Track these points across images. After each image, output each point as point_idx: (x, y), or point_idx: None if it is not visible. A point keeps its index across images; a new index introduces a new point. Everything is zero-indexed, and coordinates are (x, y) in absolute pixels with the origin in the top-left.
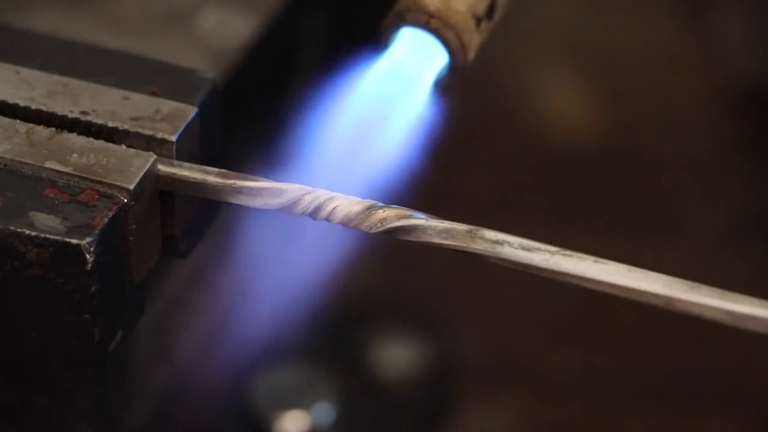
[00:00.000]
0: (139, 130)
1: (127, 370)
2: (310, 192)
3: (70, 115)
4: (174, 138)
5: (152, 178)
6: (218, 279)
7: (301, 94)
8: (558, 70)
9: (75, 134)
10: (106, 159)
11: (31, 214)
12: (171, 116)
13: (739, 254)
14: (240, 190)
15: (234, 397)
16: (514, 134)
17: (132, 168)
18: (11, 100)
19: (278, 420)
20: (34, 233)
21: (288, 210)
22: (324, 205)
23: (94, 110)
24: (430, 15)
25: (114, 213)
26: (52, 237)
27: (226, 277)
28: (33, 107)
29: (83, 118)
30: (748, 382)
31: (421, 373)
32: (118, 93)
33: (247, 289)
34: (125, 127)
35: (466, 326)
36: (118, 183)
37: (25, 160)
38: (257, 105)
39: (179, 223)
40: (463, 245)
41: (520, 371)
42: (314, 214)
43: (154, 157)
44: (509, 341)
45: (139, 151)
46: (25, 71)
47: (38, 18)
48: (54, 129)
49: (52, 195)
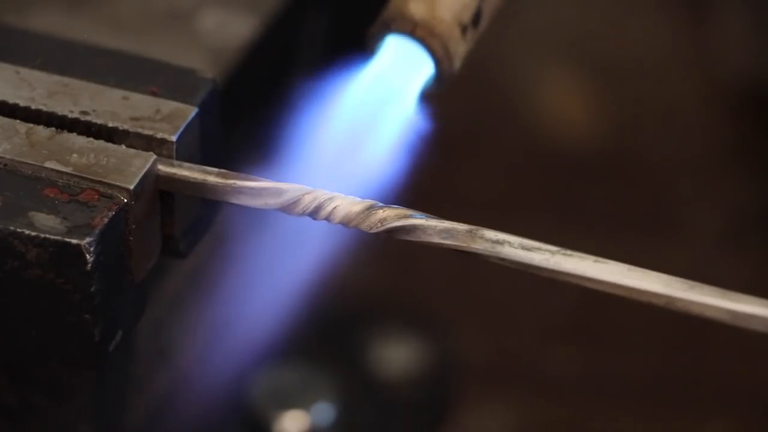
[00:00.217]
0: (139, 130)
1: (127, 370)
2: (310, 192)
3: (70, 115)
4: (174, 138)
5: (152, 178)
6: (218, 279)
7: (300, 95)
8: (558, 71)
9: (75, 134)
10: (106, 159)
11: (31, 214)
12: (171, 116)
13: (739, 254)
14: (240, 190)
15: (234, 397)
16: (513, 134)
17: (132, 168)
18: (11, 100)
19: (278, 420)
20: (34, 233)
21: (288, 210)
22: (324, 205)
23: (94, 110)
24: (416, 24)
25: (114, 213)
26: (52, 237)
27: (226, 277)
28: (33, 107)
29: (83, 118)
30: (748, 382)
31: (421, 373)
32: (118, 93)
33: (247, 289)
34: (125, 127)
35: (466, 326)
36: (118, 183)
37: (25, 160)
38: (257, 105)
39: (179, 223)
40: (464, 245)
41: (520, 371)
42: (314, 214)
43: (154, 157)
44: (509, 341)
45: (139, 151)
46: (25, 71)
47: (38, 18)
48: (54, 129)
49: (52, 195)
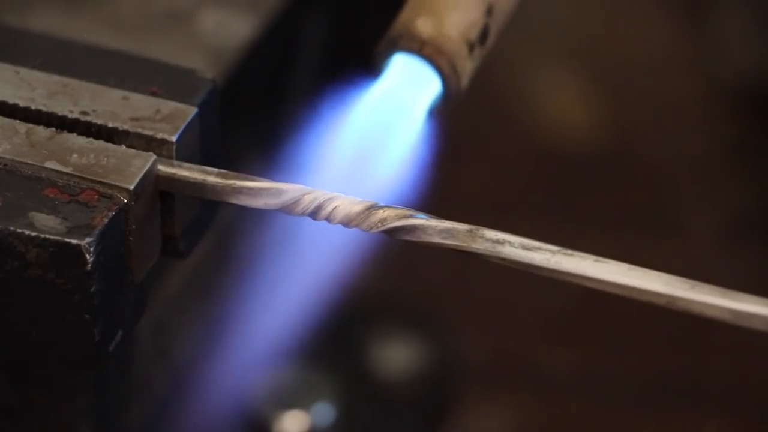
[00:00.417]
0: (139, 130)
1: (127, 370)
2: (310, 192)
3: (70, 116)
4: (174, 138)
5: (152, 179)
6: (218, 279)
7: (301, 97)
8: (558, 70)
9: (75, 134)
10: (106, 159)
11: (31, 214)
12: (171, 116)
13: (738, 254)
14: (240, 190)
15: (234, 397)
16: (513, 134)
17: (132, 168)
18: (11, 100)
19: (278, 420)
20: (34, 233)
21: (288, 210)
22: (324, 205)
23: (94, 110)
24: (423, 42)
25: (114, 213)
26: (52, 237)
27: (226, 277)
28: (33, 107)
29: (83, 118)
30: (747, 382)
31: (421, 373)
32: (118, 93)
33: (247, 289)
34: (125, 127)
35: (466, 326)
36: (118, 183)
37: (25, 160)
38: (257, 105)
39: (179, 223)
40: (464, 245)
41: (520, 371)
42: (314, 214)
43: (154, 157)
44: (509, 341)
45: (139, 152)
46: (25, 71)
47: (38, 18)
48: (54, 129)
49: (52, 195)
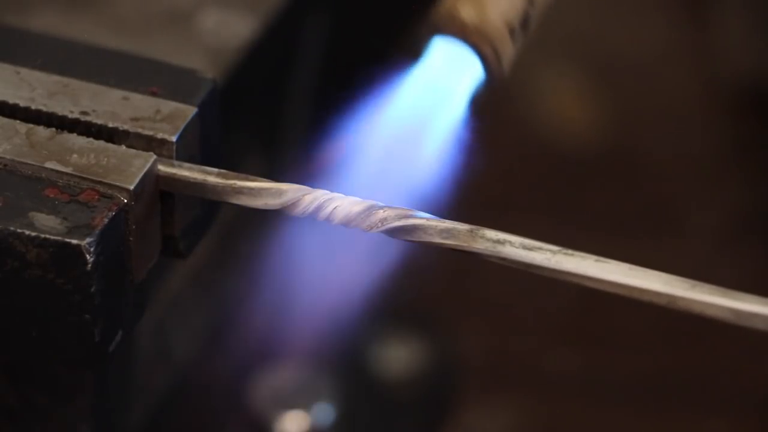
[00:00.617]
0: (139, 130)
1: (127, 370)
2: (310, 192)
3: (70, 116)
4: (174, 138)
5: (152, 179)
6: (218, 279)
7: (301, 97)
8: (558, 70)
9: (75, 134)
10: (106, 159)
11: (31, 214)
12: (171, 116)
13: (739, 254)
14: (240, 190)
15: (234, 397)
16: (513, 134)
17: (132, 168)
18: (11, 101)
19: (278, 420)
20: (34, 233)
21: (288, 210)
22: (324, 206)
23: (94, 110)
24: (466, 27)
25: (114, 213)
26: (52, 237)
27: (226, 277)
28: (33, 107)
29: (83, 118)
30: (748, 382)
31: (421, 373)
32: (118, 93)
33: (246, 289)
34: (125, 127)
35: (466, 326)
36: (118, 183)
37: (25, 160)
38: (257, 105)
39: (179, 223)
40: (464, 245)
41: (520, 371)
42: (314, 215)
43: (154, 157)
44: (509, 341)
45: (139, 152)
46: (25, 71)
47: (38, 18)
48: (54, 129)
49: (52, 195)
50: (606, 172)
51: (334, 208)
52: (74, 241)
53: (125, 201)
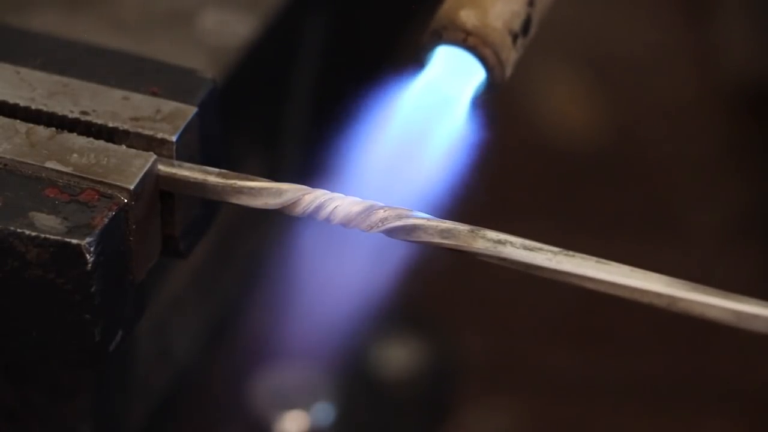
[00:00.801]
0: (140, 130)
1: (127, 370)
2: (310, 192)
3: (70, 115)
4: (174, 138)
5: (152, 178)
6: (218, 279)
7: (301, 97)
8: (559, 71)
9: (75, 134)
10: (106, 159)
11: (31, 214)
12: (171, 116)
13: (739, 254)
14: (240, 190)
15: (234, 396)
16: (512, 134)
17: (132, 168)
18: (11, 100)
19: (278, 420)
20: (34, 233)
21: (288, 210)
22: (324, 206)
23: (94, 110)
24: (468, 32)
25: (114, 213)
26: (52, 237)
27: (226, 277)
28: (33, 107)
29: (83, 118)
30: (747, 382)
31: (421, 373)
32: (118, 93)
33: (247, 289)
34: (125, 127)
35: (466, 326)
36: (118, 183)
37: (25, 160)
38: (257, 105)
39: (179, 223)
40: (465, 245)
41: (520, 371)
42: (314, 214)
43: (154, 157)
44: (509, 341)
45: (140, 152)
46: (25, 71)
47: (38, 18)
48: (54, 129)
49: (52, 195)
50: (606, 172)
51: (334, 208)
52: (74, 241)
53: (125, 201)
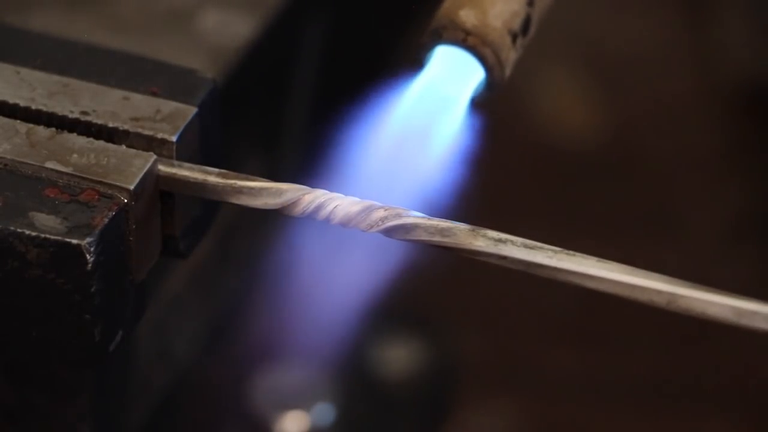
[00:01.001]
0: (140, 130)
1: (127, 370)
2: (310, 192)
3: (70, 116)
4: (174, 138)
5: (152, 179)
6: (218, 279)
7: (301, 97)
8: (558, 71)
9: (75, 134)
10: (106, 159)
11: (31, 214)
12: (171, 116)
13: (739, 254)
14: (240, 190)
15: (234, 396)
16: (512, 134)
17: (132, 168)
18: (11, 100)
19: (278, 420)
20: (34, 233)
21: (288, 210)
22: (324, 205)
23: (94, 110)
24: (467, 32)
25: (114, 213)
26: (52, 237)
27: (226, 277)
28: (33, 107)
29: (83, 118)
30: (748, 382)
31: (421, 373)
32: (118, 93)
33: (246, 289)
34: (125, 127)
35: (466, 326)
36: (118, 183)
37: (25, 160)
38: (257, 105)
39: (179, 223)
40: (465, 244)
41: (520, 371)
42: (314, 214)
43: (154, 157)
44: (509, 341)
45: (140, 152)
46: (25, 71)
47: (38, 18)
48: (54, 129)
49: (52, 195)
50: (606, 173)
51: (334, 208)
52: (74, 241)
53: (125, 201)
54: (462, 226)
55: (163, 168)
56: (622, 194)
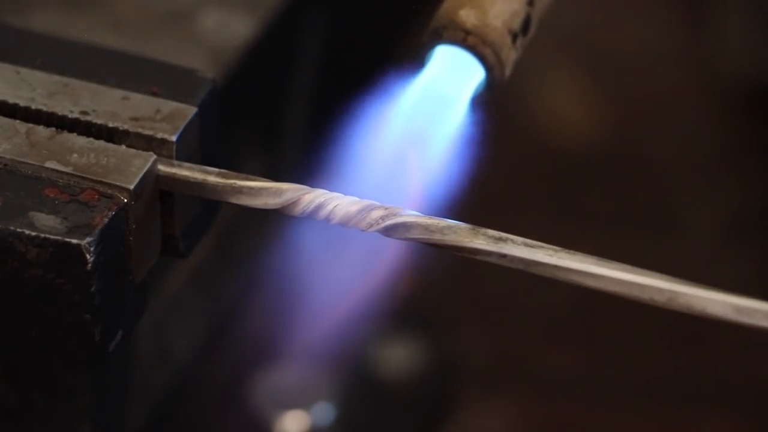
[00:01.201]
0: (139, 130)
1: (127, 370)
2: (310, 192)
3: (70, 115)
4: (174, 138)
5: (152, 178)
6: (218, 279)
7: (301, 97)
8: (558, 70)
9: (75, 134)
10: (106, 159)
11: (31, 214)
12: (171, 116)
13: (739, 254)
14: (240, 190)
15: (234, 396)
16: (512, 134)
17: (132, 168)
18: (11, 100)
19: (278, 420)
20: (34, 233)
21: (288, 210)
22: (323, 205)
23: (94, 110)
24: (467, 32)
25: (114, 213)
26: (52, 237)
27: (226, 277)
28: (33, 107)
29: (83, 118)
30: (748, 382)
31: (421, 373)
32: (118, 93)
33: (246, 289)
34: (125, 127)
35: (466, 326)
36: (118, 183)
37: (25, 160)
38: (257, 105)
39: (179, 223)
40: (465, 242)
41: (520, 371)
42: (314, 214)
43: (154, 157)
44: (509, 341)
45: (139, 151)
46: (25, 71)
47: (38, 18)
48: (54, 129)
49: (52, 195)
50: (604, 172)
51: (333, 208)
52: (74, 241)
53: (125, 201)
54: (461, 225)
55: (162, 168)
56: (622, 194)
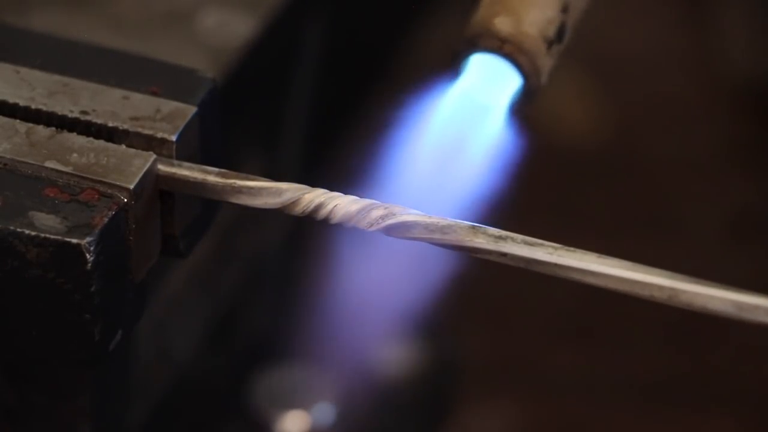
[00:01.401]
0: (139, 129)
1: (127, 370)
2: (310, 191)
3: (70, 115)
4: (174, 138)
5: (152, 178)
6: (218, 279)
7: (304, 96)
8: (558, 70)
9: (75, 134)
10: (106, 159)
11: (31, 213)
12: (171, 116)
13: (739, 253)
14: (240, 190)
15: (234, 396)
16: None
17: (132, 168)
18: (11, 100)
19: (278, 420)
20: (34, 233)
21: (288, 210)
22: (323, 205)
23: (94, 110)
24: (503, 40)
25: (114, 213)
26: (52, 237)
27: (226, 277)
28: (33, 107)
29: (83, 117)
30: (748, 382)
31: (421, 373)
32: (118, 93)
33: (246, 289)
34: (125, 126)
35: (466, 326)
36: (118, 183)
37: (25, 159)
38: (257, 105)
39: (179, 223)
40: (466, 240)
41: (520, 371)
42: (314, 214)
43: (154, 156)
44: (509, 341)
45: (139, 151)
46: (25, 71)
47: (38, 18)
48: (54, 129)
49: (52, 195)
50: (606, 172)
51: (333, 207)
52: (74, 241)
53: (125, 200)
54: (462, 224)
55: (162, 167)
56: (623, 193)
